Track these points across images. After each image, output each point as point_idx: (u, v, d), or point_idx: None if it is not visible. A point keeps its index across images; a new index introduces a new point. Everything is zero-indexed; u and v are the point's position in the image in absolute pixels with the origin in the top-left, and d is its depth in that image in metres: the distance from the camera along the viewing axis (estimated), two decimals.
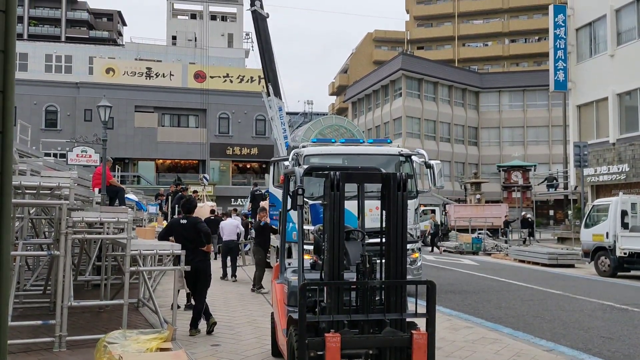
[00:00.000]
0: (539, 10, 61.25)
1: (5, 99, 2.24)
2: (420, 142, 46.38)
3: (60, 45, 52.71)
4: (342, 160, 11.56)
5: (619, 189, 21.17)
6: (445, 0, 67.82)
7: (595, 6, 25.69)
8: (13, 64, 2.35)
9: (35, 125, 34.99)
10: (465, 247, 25.53)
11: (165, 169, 44.48)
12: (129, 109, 41.05)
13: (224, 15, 58.09)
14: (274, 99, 22.75)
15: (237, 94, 43.38)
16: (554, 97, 45.06)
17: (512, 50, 65.33)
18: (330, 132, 42.73)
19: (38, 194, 7.14)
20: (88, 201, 10.27)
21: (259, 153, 43.10)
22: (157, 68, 44.94)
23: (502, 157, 49.50)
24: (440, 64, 53.43)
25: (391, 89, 49.49)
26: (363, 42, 73.19)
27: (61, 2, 65.05)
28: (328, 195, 4.89)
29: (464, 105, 51.68)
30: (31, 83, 39.24)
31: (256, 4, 21.90)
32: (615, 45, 24.50)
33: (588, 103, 26.59)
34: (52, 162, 10.62)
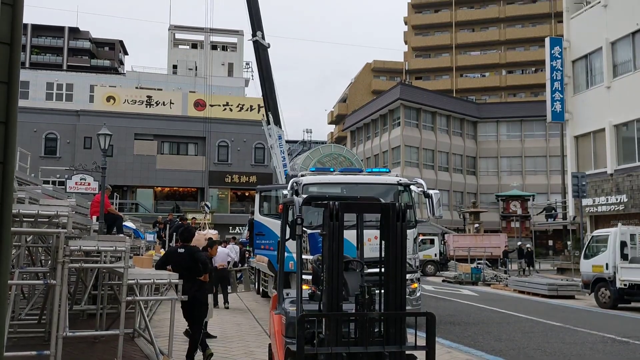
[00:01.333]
0: (535, 42, 62.18)
1: (8, 129, 2.25)
2: (418, 171, 46.48)
3: (62, 73, 53.22)
4: (341, 189, 11.57)
5: (617, 220, 21.15)
6: (443, 32, 68.83)
7: (591, 39, 26.06)
8: (16, 95, 2.37)
9: (35, 152, 35.05)
10: (464, 277, 25.36)
11: (163, 197, 44.43)
12: (128, 136, 41.21)
13: (225, 45, 58.84)
14: (273, 127, 22.89)
15: (236, 122, 43.65)
16: (551, 128, 45.39)
17: (509, 81, 66.06)
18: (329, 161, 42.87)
19: (36, 222, 7.12)
20: (86, 229, 10.23)
21: (258, 181, 43.10)
22: (157, 96, 45.29)
23: (501, 187, 49.59)
24: (438, 94, 53.95)
25: (390, 118, 49.85)
26: (362, 72, 73.99)
27: (64, 31, 65.96)
28: (327, 225, 4.87)
29: (462, 135, 51.99)
30: (32, 111, 39.46)
31: (258, 35, 22.22)
32: (612, 77, 24.78)
33: (585, 134, 26.76)
34: (50, 189, 10.62)
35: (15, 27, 2.37)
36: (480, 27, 67.86)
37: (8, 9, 2.36)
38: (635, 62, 23.52)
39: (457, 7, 68.18)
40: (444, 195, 47.13)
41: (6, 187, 2.26)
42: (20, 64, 2.42)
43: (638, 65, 23.38)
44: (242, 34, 57.52)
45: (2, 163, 2.22)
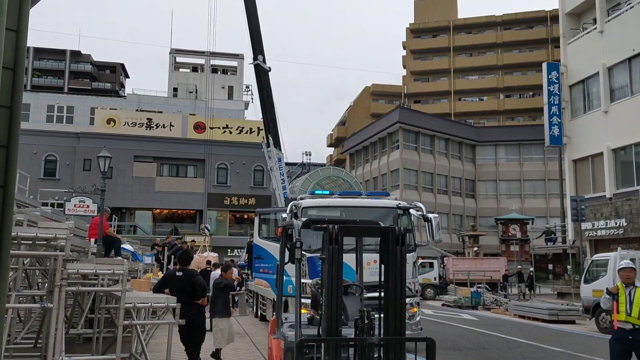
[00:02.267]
0: (532, 67, 62.77)
1: (9, 154, 2.26)
2: (417, 194, 46.49)
3: (63, 96, 53.54)
4: (340, 212, 11.56)
5: (617, 244, 21.10)
6: (441, 57, 69.53)
7: (587, 64, 26.32)
8: (18, 120, 2.39)
9: (34, 174, 35.08)
10: (464, 301, 25.19)
11: (162, 219, 44.34)
12: (128, 158, 41.30)
13: (225, 68, 59.34)
14: (273, 149, 22.95)
15: (236, 144, 43.81)
16: (549, 151, 45.57)
17: (507, 105, 66.52)
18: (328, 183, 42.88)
19: (34, 245, 7.09)
20: (84, 252, 10.18)
21: (257, 203, 43.08)
22: (157, 119, 45.50)
23: (500, 210, 49.56)
24: (437, 118, 54.27)
25: (389, 141, 50.05)
26: (361, 96, 74.53)
27: (65, 54, 66.55)
28: (326, 249, 4.86)
29: (461, 158, 52.15)
30: (32, 133, 39.60)
31: (259, 58, 22.43)
32: (609, 101, 24.96)
33: (583, 158, 26.85)
34: (49, 212, 10.61)
35: (19, 52, 2.40)
36: (478, 52, 68.59)
37: (12, 34, 2.39)
38: (632, 87, 23.73)
39: (455, 32, 68.99)
40: (443, 219, 47.07)
41: (6, 211, 2.26)
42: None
43: (635, 90, 23.58)
44: (242, 57, 58.08)
45: (3, 187, 2.23)
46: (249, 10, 22.82)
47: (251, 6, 22.87)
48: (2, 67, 2.24)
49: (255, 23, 22.91)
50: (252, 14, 22.86)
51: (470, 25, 69.05)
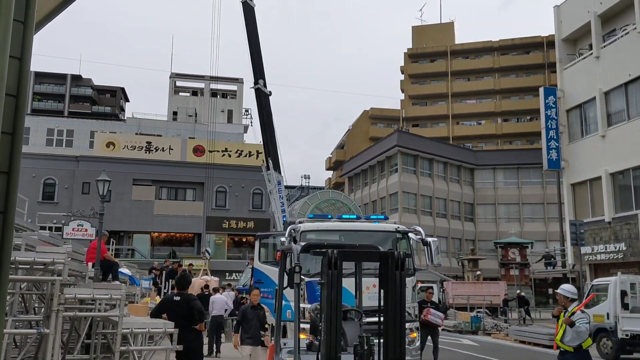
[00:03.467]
0: (529, 92, 63.26)
1: (10, 180, 2.28)
2: (416, 218, 46.42)
3: (63, 119, 53.79)
4: (339, 236, 11.53)
5: (617, 268, 21.02)
6: (439, 81, 70.12)
7: (584, 89, 26.56)
8: (20, 146, 2.41)
9: (33, 197, 35.06)
10: (464, 326, 24.97)
11: (160, 242, 44.16)
12: (127, 182, 41.30)
13: (225, 92, 59.77)
14: (273, 172, 23.00)
15: (235, 168, 43.88)
16: (548, 175, 45.67)
17: (505, 129, 66.87)
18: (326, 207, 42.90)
19: (31, 269, 7.06)
20: (81, 276, 10.12)
21: (255, 227, 42.98)
22: (157, 142, 45.65)
23: (499, 234, 49.44)
24: (435, 141, 54.50)
25: (387, 164, 50.17)
26: (359, 119, 74.92)
27: (66, 78, 67.06)
28: (325, 274, 4.85)
29: (460, 182, 52.22)
30: (31, 156, 39.68)
31: (259, 83, 22.63)
32: (606, 126, 25.11)
33: (582, 182, 26.91)
34: (47, 236, 10.57)
35: (22, 80, 2.43)
36: (475, 76, 69.20)
37: (16, 62, 2.42)
38: (629, 112, 23.90)
39: (453, 57, 69.70)
40: (442, 242, 46.94)
41: (6, 237, 2.26)
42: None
43: (632, 114, 23.75)
44: (241, 81, 58.58)
45: (3, 213, 2.24)
46: (251, 35, 23.10)
47: (253, 31, 23.15)
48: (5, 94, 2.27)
49: (257, 48, 23.17)
50: (254, 39, 23.13)
51: (467, 50, 69.80)
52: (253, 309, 9.41)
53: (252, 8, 23.31)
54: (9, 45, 2.30)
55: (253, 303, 9.68)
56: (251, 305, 9.62)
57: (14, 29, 2.36)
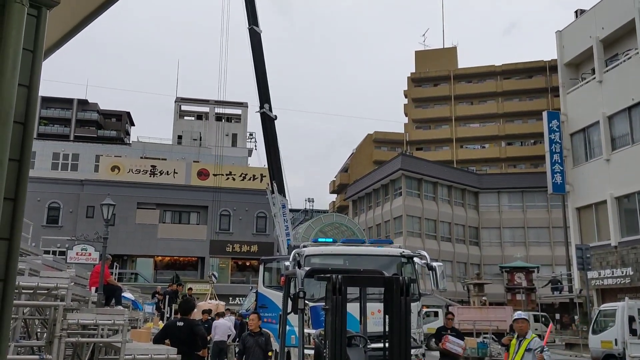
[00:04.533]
0: (532, 116, 63.46)
1: (16, 207, 2.29)
2: (421, 242, 46.21)
3: (69, 143, 54.15)
4: (344, 260, 11.49)
5: (624, 293, 20.79)
6: (442, 105, 70.46)
7: (587, 113, 26.63)
8: (27, 173, 2.42)
9: (37, 221, 35.07)
10: (470, 352, 24.62)
11: (163, 266, 44.02)
12: (131, 205, 41.36)
13: (229, 116, 60.20)
14: (277, 196, 23.01)
15: (239, 191, 43.93)
16: (553, 199, 45.49)
17: (508, 153, 66.90)
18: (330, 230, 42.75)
19: (35, 294, 7.04)
20: (84, 301, 10.07)
21: (259, 250, 42.84)
22: (161, 166, 45.83)
23: (504, 258, 49.08)
24: (439, 165, 54.51)
25: (391, 188, 50.13)
26: (363, 143, 75.14)
27: (73, 103, 67.72)
28: (330, 299, 4.82)
29: (464, 205, 52.06)
30: (36, 180, 39.86)
31: (265, 107, 22.80)
32: (610, 150, 25.10)
33: (587, 206, 26.80)
34: (51, 260, 10.56)
35: (30, 108, 2.46)
36: (478, 100, 69.52)
37: (24, 90, 2.46)
38: (633, 136, 23.92)
39: (456, 81, 70.14)
40: (447, 266, 46.64)
41: (11, 264, 2.26)
42: None
43: (636, 138, 23.76)
44: (246, 105, 59.06)
45: (8, 240, 2.24)
46: (257, 60, 23.35)
47: (259, 57, 23.41)
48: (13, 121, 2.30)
49: (262, 73, 23.41)
50: (260, 64, 23.37)
51: (470, 74, 70.25)
52: (252, 336, 8.91)
53: (258, 34, 23.61)
54: (17, 74, 2.33)
55: (251, 329, 9.12)
56: (250, 332, 9.06)
57: (23, 57, 2.40)
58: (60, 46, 3.69)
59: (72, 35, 3.60)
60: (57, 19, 3.13)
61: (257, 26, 23.75)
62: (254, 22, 23.81)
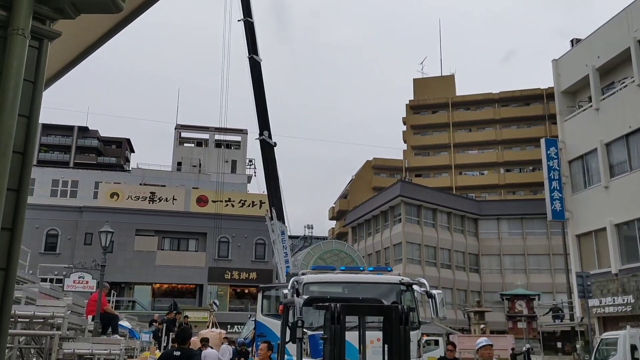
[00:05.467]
0: (531, 143, 63.75)
1: (14, 237, 2.29)
2: (421, 269, 45.94)
3: (68, 170, 54.25)
4: (342, 288, 11.41)
5: (626, 321, 20.60)
6: (441, 132, 70.86)
7: (585, 140, 26.76)
8: (25, 203, 2.43)
9: (35, 248, 34.95)
10: None
11: (161, 294, 43.66)
12: (129, 232, 41.25)
13: (229, 143, 60.47)
14: (277, 222, 22.99)
15: (238, 218, 43.86)
16: (552, 226, 45.39)
17: (507, 180, 67.02)
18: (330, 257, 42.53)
19: (31, 322, 6.97)
20: (80, 330, 9.97)
21: (258, 278, 42.57)
22: (160, 193, 45.84)
23: (505, 285, 48.74)
24: (438, 191, 54.52)
25: (390, 214, 50.06)
26: (362, 169, 75.31)
27: (73, 130, 68.08)
28: (329, 329, 4.79)
29: (464, 232, 51.92)
30: (35, 207, 39.82)
31: (264, 134, 22.95)
32: (609, 177, 25.15)
33: (587, 233, 26.74)
34: (48, 288, 10.48)
35: (30, 137, 2.48)
36: (476, 127, 69.94)
37: (24, 120, 2.48)
38: (631, 163, 23.99)
39: (454, 108, 70.68)
40: (447, 294, 46.29)
41: (7, 293, 2.25)
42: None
43: (634, 166, 23.83)
44: (245, 132, 59.35)
45: (5, 270, 2.23)
46: (257, 88, 23.58)
47: (259, 85, 23.65)
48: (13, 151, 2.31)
49: (262, 100, 23.61)
50: (260, 92, 23.60)
51: (468, 102, 70.84)
52: None
53: (258, 63, 23.90)
54: (17, 105, 2.36)
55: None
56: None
57: (23, 88, 2.43)
58: (61, 76, 3.73)
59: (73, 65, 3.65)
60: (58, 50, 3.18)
61: (257, 55, 24.05)
62: (253, 51, 24.12)
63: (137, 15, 3.28)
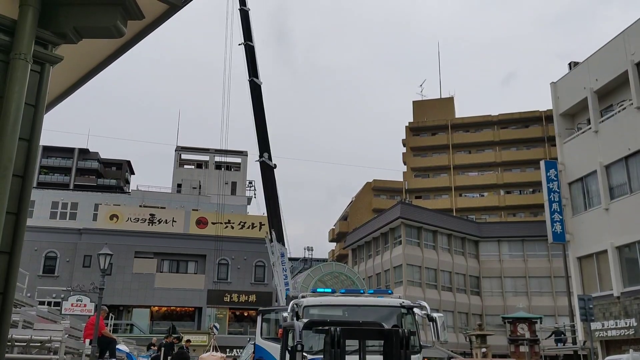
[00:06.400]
0: (530, 164, 63.91)
1: (12, 261, 2.27)
2: (421, 291, 45.62)
3: (68, 192, 54.25)
4: (343, 311, 11.31)
5: (628, 345, 20.38)
6: (441, 154, 71.05)
7: (585, 162, 26.79)
8: (23, 227, 2.42)
9: (33, 271, 34.81)
10: None
11: (160, 317, 43.29)
12: (128, 254, 41.09)
13: (229, 164, 60.61)
14: (276, 244, 22.92)
15: (237, 240, 43.72)
16: (553, 248, 45.17)
17: (507, 201, 66.96)
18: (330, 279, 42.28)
19: (28, 346, 6.90)
20: (78, 354, 9.86)
21: (257, 300, 42.28)
22: (160, 214, 45.79)
23: (506, 308, 48.32)
24: (439, 213, 54.39)
25: (391, 236, 49.88)
26: (362, 191, 75.29)
27: (74, 152, 68.25)
28: (329, 353, 4.74)
29: (464, 254, 51.68)
30: (34, 229, 39.75)
31: (264, 156, 23.00)
32: (609, 199, 25.12)
33: (588, 255, 26.61)
34: (45, 311, 10.39)
35: (30, 162, 2.48)
36: (476, 149, 70.16)
37: (24, 144, 2.48)
38: (631, 185, 23.99)
39: (453, 130, 70.98)
40: (449, 317, 45.89)
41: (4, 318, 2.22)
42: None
43: (634, 188, 23.82)
44: (245, 154, 59.54)
45: (2, 294, 2.21)
46: (257, 111, 23.71)
47: (259, 108, 23.79)
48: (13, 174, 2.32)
49: (262, 123, 23.72)
50: (260, 115, 23.72)
51: (467, 124, 71.18)
52: None
53: (258, 86, 24.07)
54: (18, 129, 2.36)
55: None
56: None
57: (24, 112, 2.44)
58: (62, 99, 3.75)
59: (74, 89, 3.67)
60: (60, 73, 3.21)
61: (257, 78, 24.23)
62: (254, 74, 24.31)
63: (139, 40, 3.31)
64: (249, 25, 25.14)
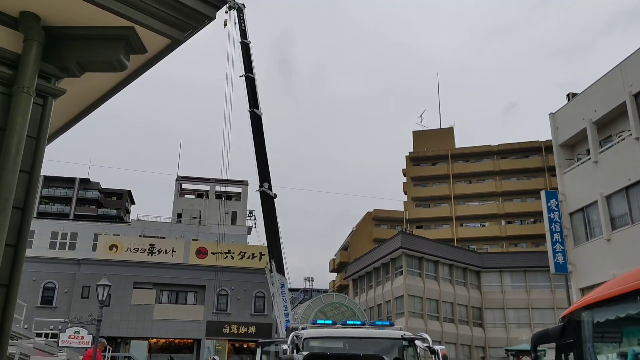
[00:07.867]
0: (531, 195, 63.92)
1: (9, 293, 2.25)
2: (423, 322, 45.09)
3: (68, 222, 54.12)
4: (344, 344, 11.17)
5: None
6: (441, 184, 71.13)
7: (585, 193, 26.78)
8: (22, 260, 2.41)
9: (31, 302, 34.50)
10: None
11: (158, 349, 42.69)
12: (127, 285, 40.77)
13: (229, 194, 60.63)
14: (276, 275, 22.78)
15: (237, 270, 43.42)
16: (555, 279, 44.84)
17: (509, 231, 66.74)
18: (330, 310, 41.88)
19: None
20: None
21: (257, 332, 41.76)
22: (160, 244, 45.58)
23: (509, 340, 47.66)
24: (440, 243, 54.15)
25: (392, 267, 49.55)
26: (363, 221, 75.12)
27: (74, 182, 68.40)
28: None
29: (466, 285, 51.24)
30: (33, 260, 39.52)
31: (264, 186, 23.03)
32: (610, 230, 25.02)
33: (591, 286, 26.35)
34: (42, 343, 10.25)
35: (30, 193, 2.48)
36: (476, 179, 70.27)
37: (25, 176, 2.49)
38: (632, 216, 23.92)
39: (453, 160, 71.23)
40: (451, 349, 45.22)
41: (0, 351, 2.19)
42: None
43: (635, 218, 23.75)
44: (246, 184, 59.62)
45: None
46: (257, 141, 23.84)
47: (259, 138, 23.92)
48: (12, 206, 2.32)
49: (263, 153, 23.82)
50: (260, 145, 23.84)
51: (467, 154, 71.46)
52: None
53: (259, 117, 24.26)
54: (20, 161, 2.37)
55: None
56: None
57: (26, 144, 2.45)
58: (64, 131, 3.78)
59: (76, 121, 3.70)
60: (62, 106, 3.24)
61: (257, 109, 24.44)
62: (254, 105, 24.53)
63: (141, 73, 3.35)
64: (249, 57, 25.46)
